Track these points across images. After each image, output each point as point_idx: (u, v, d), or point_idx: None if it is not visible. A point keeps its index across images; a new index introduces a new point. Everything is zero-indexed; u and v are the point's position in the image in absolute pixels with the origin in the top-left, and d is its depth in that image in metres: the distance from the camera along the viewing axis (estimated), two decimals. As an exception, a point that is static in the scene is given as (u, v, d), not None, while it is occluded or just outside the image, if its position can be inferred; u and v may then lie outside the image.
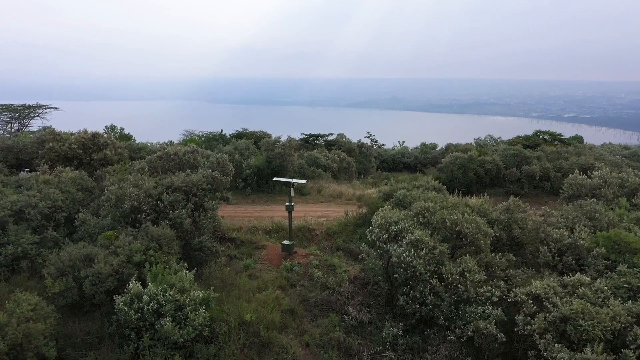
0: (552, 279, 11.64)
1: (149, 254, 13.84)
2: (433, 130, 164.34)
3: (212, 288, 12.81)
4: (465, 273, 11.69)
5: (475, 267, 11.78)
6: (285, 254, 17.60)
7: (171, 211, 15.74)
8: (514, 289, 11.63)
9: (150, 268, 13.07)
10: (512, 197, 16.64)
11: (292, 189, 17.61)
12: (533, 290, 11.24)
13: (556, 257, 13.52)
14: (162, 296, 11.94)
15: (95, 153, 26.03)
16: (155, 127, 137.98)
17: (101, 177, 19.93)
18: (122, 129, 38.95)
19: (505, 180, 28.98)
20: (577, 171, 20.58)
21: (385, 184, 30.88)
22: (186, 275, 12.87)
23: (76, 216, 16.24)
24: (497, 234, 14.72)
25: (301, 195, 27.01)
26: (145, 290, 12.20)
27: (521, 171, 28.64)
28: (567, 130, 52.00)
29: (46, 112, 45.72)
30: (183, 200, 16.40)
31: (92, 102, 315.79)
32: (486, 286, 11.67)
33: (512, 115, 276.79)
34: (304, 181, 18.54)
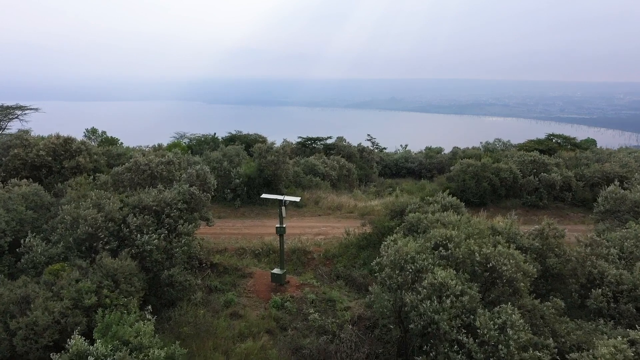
0: (619, 338, 8.89)
1: (103, 293, 11.08)
2: (434, 131, 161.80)
3: (177, 342, 10.03)
4: (507, 329, 8.92)
5: (520, 321, 8.99)
6: (276, 285, 14.83)
7: (139, 236, 13.01)
8: (570, 355, 8.85)
9: (103, 316, 10.28)
10: (545, 218, 13.92)
11: (283, 208, 14.81)
12: None
13: (612, 305, 10.76)
14: (111, 358, 9.18)
15: (67, 160, 23.32)
16: (150, 128, 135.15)
17: (62, 191, 17.09)
18: (104, 132, 36.10)
19: (522, 190, 26.17)
20: (617, 182, 17.87)
21: (390, 194, 28.13)
22: (146, 326, 10.08)
23: (23, 242, 13.39)
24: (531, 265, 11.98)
25: (297, 208, 24.23)
26: (92, 348, 9.42)
27: (539, 180, 25.83)
28: (567, 131, 49.61)
29: (25, 114, 42.66)
30: (153, 224, 13.65)
31: (92, 102, 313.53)
32: (533, 350, 8.86)
33: (511, 116, 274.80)
34: (297, 198, 15.71)
